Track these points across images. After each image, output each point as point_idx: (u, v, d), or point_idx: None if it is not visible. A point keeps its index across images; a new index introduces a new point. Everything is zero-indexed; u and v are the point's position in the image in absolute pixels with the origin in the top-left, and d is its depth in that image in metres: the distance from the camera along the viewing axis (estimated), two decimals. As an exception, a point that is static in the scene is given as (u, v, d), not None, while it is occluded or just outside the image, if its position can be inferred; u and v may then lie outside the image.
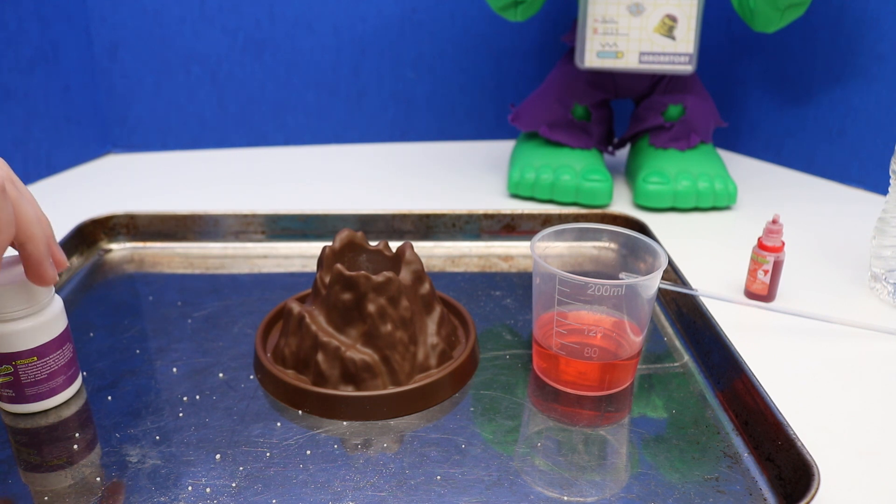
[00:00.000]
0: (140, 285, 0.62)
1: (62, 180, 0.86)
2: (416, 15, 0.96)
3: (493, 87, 1.02)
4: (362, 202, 0.79)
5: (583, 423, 0.45)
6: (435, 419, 0.45)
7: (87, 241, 0.67)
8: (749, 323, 0.56)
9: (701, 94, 0.82)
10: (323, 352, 0.45)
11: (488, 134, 1.04)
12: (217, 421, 0.44)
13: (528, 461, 0.41)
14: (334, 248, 0.50)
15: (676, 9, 0.73)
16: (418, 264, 0.49)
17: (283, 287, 0.61)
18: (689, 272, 0.62)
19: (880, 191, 0.82)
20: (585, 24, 0.74)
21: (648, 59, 0.75)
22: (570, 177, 0.77)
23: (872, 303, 0.59)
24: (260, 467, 0.40)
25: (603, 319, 0.48)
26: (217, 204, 0.78)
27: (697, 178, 0.77)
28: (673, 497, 0.39)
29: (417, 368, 0.47)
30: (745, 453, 0.42)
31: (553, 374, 0.48)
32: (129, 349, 0.52)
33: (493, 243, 0.70)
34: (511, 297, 0.60)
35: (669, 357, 0.52)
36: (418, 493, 0.39)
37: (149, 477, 0.40)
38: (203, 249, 0.68)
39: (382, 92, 1.00)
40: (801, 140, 0.90)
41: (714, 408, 0.46)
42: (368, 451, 0.42)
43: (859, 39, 0.81)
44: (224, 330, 0.54)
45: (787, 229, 0.70)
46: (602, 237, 0.51)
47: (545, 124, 0.82)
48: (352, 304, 0.46)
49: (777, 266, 0.57)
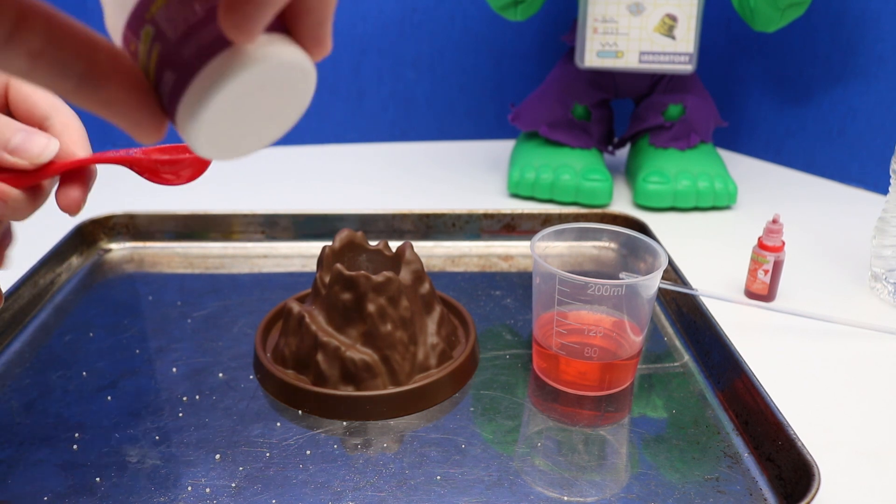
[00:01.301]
0: (140, 285, 0.62)
1: (62, 180, 0.86)
2: (416, 15, 0.96)
3: (493, 87, 1.02)
4: (362, 202, 0.79)
5: (583, 423, 0.45)
6: (435, 419, 0.45)
7: (87, 241, 0.67)
8: (749, 323, 0.56)
9: (701, 94, 0.82)
10: (323, 352, 0.45)
11: (488, 134, 1.04)
12: (217, 421, 0.44)
13: (528, 461, 0.41)
14: (334, 247, 0.50)
15: (676, 8, 0.73)
16: (418, 264, 0.49)
17: (283, 287, 0.61)
18: (689, 272, 0.62)
19: (880, 191, 0.82)
20: (585, 24, 0.74)
21: (648, 58, 0.75)
22: (570, 176, 0.77)
23: (872, 303, 0.59)
24: (260, 467, 0.40)
25: (603, 319, 0.48)
26: (217, 204, 0.78)
27: (697, 177, 0.77)
28: (673, 497, 0.39)
29: (417, 368, 0.47)
30: (745, 453, 0.42)
31: (553, 374, 0.48)
32: (129, 349, 0.52)
33: (493, 243, 0.70)
34: (511, 297, 0.60)
35: (669, 357, 0.52)
36: (418, 493, 0.39)
37: (149, 477, 0.40)
38: (203, 249, 0.68)
39: (382, 92, 1.00)
40: (801, 140, 0.90)
41: (714, 408, 0.46)
42: (368, 451, 0.42)
43: (859, 39, 0.81)
44: (224, 330, 0.54)
45: (787, 229, 0.70)
46: (602, 237, 0.51)
47: (545, 124, 0.82)
48: (352, 304, 0.46)
49: (777, 266, 0.57)
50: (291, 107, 0.25)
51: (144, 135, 0.23)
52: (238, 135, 0.24)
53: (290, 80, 0.23)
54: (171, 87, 0.22)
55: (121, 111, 0.23)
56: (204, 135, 0.23)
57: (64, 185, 0.33)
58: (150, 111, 0.23)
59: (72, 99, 0.22)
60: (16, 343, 0.53)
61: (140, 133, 0.23)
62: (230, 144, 0.24)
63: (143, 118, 0.23)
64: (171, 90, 0.22)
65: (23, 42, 0.20)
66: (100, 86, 0.22)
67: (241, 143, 0.25)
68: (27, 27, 0.20)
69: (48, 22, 0.21)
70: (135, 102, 0.23)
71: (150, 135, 0.23)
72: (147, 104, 0.23)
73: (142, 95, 0.23)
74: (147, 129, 0.23)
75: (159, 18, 0.22)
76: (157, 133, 0.24)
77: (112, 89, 0.22)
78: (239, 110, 0.23)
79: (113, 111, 0.23)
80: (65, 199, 0.33)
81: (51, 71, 0.21)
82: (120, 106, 0.22)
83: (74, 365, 0.50)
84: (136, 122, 0.23)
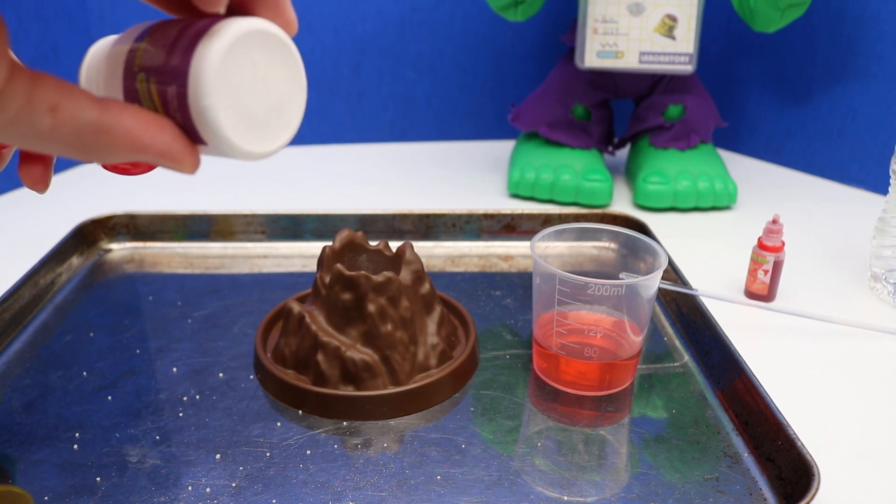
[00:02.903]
0: (140, 285, 0.62)
1: (62, 180, 0.86)
2: (416, 15, 0.96)
3: (493, 87, 1.02)
4: (362, 202, 0.79)
5: (583, 423, 0.45)
6: (435, 419, 0.45)
7: (87, 241, 0.67)
8: (749, 323, 0.56)
9: (701, 94, 0.82)
10: (323, 352, 0.45)
11: (488, 134, 1.04)
12: (217, 421, 0.44)
13: (528, 461, 0.41)
14: (334, 248, 0.50)
15: (676, 9, 0.73)
16: (418, 264, 0.49)
17: (283, 287, 0.61)
18: (689, 272, 0.62)
19: (880, 191, 0.82)
20: (585, 24, 0.74)
21: (648, 58, 0.75)
22: (570, 177, 0.77)
23: (872, 303, 0.59)
24: (260, 467, 0.40)
25: (603, 319, 0.48)
26: (217, 204, 0.78)
27: (697, 177, 0.77)
28: (673, 497, 0.39)
29: (417, 368, 0.47)
30: (745, 453, 0.42)
31: (553, 374, 0.48)
32: (129, 349, 0.52)
33: (493, 243, 0.70)
34: (511, 297, 0.60)
35: (669, 357, 0.52)
36: (418, 493, 0.39)
37: (149, 477, 0.40)
38: (203, 249, 0.68)
39: (382, 92, 1.00)
40: (801, 140, 0.90)
41: (714, 408, 0.46)
42: (368, 451, 0.42)
43: (859, 39, 0.81)
44: (224, 330, 0.54)
45: (787, 229, 0.70)
46: (602, 237, 0.51)
47: (545, 124, 0.82)
48: (352, 304, 0.46)
49: (777, 266, 0.57)
50: (289, 80, 0.26)
51: (182, 162, 0.25)
52: (256, 118, 0.25)
53: (270, 49, 0.25)
54: (176, 98, 0.24)
55: (144, 141, 0.24)
56: (223, 120, 0.24)
57: (26, 162, 0.31)
58: (172, 133, 0.24)
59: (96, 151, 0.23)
60: (16, 343, 0.53)
61: (177, 161, 0.24)
62: (256, 131, 0.25)
63: (169, 141, 0.24)
64: (178, 100, 0.24)
65: (41, 97, 0.21)
66: (116, 125, 0.23)
67: (266, 129, 0.26)
68: (41, 83, 0.22)
69: (53, 77, 0.22)
70: (155, 130, 0.24)
71: (187, 159, 0.25)
72: (166, 127, 0.24)
73: (157, 120, 0.24)
74: (180, 153, 0.24)
75: (145, 62, 0.25)
76: (192, 157, 0.25)
77: (128, 122, 0.23)
78: (239, 88, 0.24)
79: (137, 146, 0.23)
80: (28, 176, 0.31)
81: (72, 122, 0.22)
82: (142, 136, 0.23)
83: (74, 365, 0.50)
84: (166, 147, 0.24)
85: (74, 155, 0.23)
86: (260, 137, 0.25)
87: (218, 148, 0.25)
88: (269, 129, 0.26)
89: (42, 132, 0.22)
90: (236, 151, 0.25)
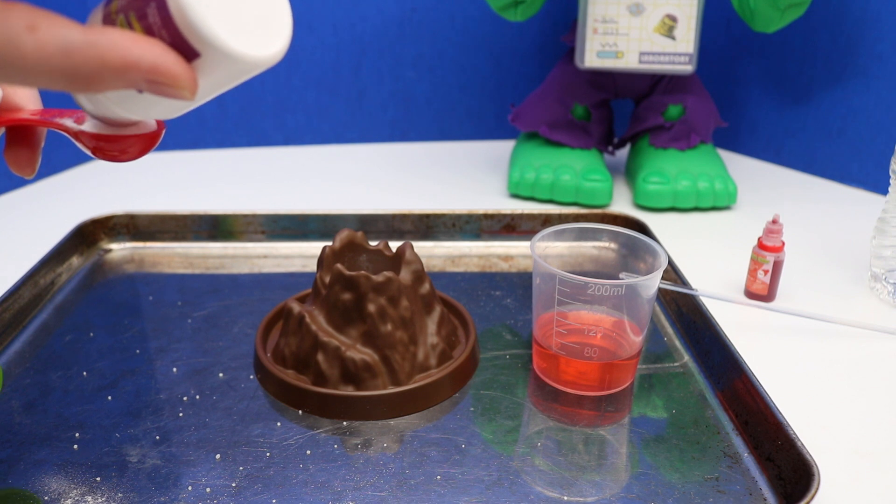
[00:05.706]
0: (140, 285, 0.62)
1: (62, 180, 0.86)
2: (416, 15, 0.96)
3: (493, 87, 1.02)
4: (362, 202, 0.79)
5: (583, 423, 0.45)
6: (435, 419, 0.45)
7: (87, 241, 0.67)
8: (749, 323, 0.56)
9: (701, 94, 0.82)
10: (323, 352, 0.45)
11: (488, 134, 1.04)
12: (217, 421, 0.44)
13: (528, 461, 0.41)
14: (334, 248, 0.50)
15: (676, 9, 0.73)
16: (418, 264, 0.49)
17: (283, 287, 0.61)
18: (689, 272, 0.62)
19: (880, 191, 0.82)
20: (585, 24, 0.74)
21: (648, 59, 0.75)
22: (570, 177, 0.77)
23: (872, 303, 0.59)
24: (260, 467, 0.40)
25: (603, 319, 0.48)
26: (217, 204, 0.78)
27: (697, 177, 0.77)
28: (673, 497, 0.39)
29: (417, 368, 0.47)
30: (745, 453, 0.42)
31: (553, 374, 0.48)
32: (129, 349, 0.52)
33: (493, 243, 0.70)
34: (511, 297, 0.60)
35: (669, 357, 0.52)
36: (418, 493, 0.39)
37: (149, 477, 0.40)
38: (203, 249, 0.68)
39: (382, 92, 1.00)
40: (801, 140, 0.90)
41: (714, 408, 0.46)
42: (368, 451, 0.42)
43: (859, 39, 0.81)
44: (224, 330, 0.54)
45: (787, 229, 0.70)
46: (602, 237, 0.51)
47: (545, 124, 0.82)
48: (352, 304, 0.46)
49: (777, 266, 0.57)
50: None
51: (176, 76, 0.23)
52: (245, 24, 0.24)
53: None
54: (157, 13, 0.23)
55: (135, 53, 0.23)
56: (210, 18, 0.23)
57: (12, 146, 0.31)
58: (162, 47, 0.23)
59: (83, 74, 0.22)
60: (16, 343, 0.53)
61: (171, 76, 0.23)
62: (248, 35, 0.24)
63: (159, 52, 0.23)
64: (159, 13, 0.23)
65: (17, 17, 0.22)
66: (102, 40, 0.22)
67: (257, 36, 0.25)
68: (15, 7, 0.22)
69: (26, 3, 0.22)
70: (144, 43, 0.23)
71: (181, 73, 0.23)
72: (154, 42, 0.23)
73: (145, 37, 0.23)
74: (174, 65, 0.23)
75: (120, 4, 0.24)
76: (186, 71, 0.24)
77: (115, 35, 0.22)
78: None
79: (128, 60, 0.23)
80: (14, 160, 0.31)
81: (54, 41, 0.22)
82: (131, 47, 0.23)
83: (74, 365, 0.50)
84: (159, 60, 0.23)
85: (63, 83, 0.22)
86: (253, 43, 0.24)
87: (212, 55, 0.24)
88: (261, 36, 0.25)
89: (26, 54, 0.21)
90: (231, 55, 0.24)
